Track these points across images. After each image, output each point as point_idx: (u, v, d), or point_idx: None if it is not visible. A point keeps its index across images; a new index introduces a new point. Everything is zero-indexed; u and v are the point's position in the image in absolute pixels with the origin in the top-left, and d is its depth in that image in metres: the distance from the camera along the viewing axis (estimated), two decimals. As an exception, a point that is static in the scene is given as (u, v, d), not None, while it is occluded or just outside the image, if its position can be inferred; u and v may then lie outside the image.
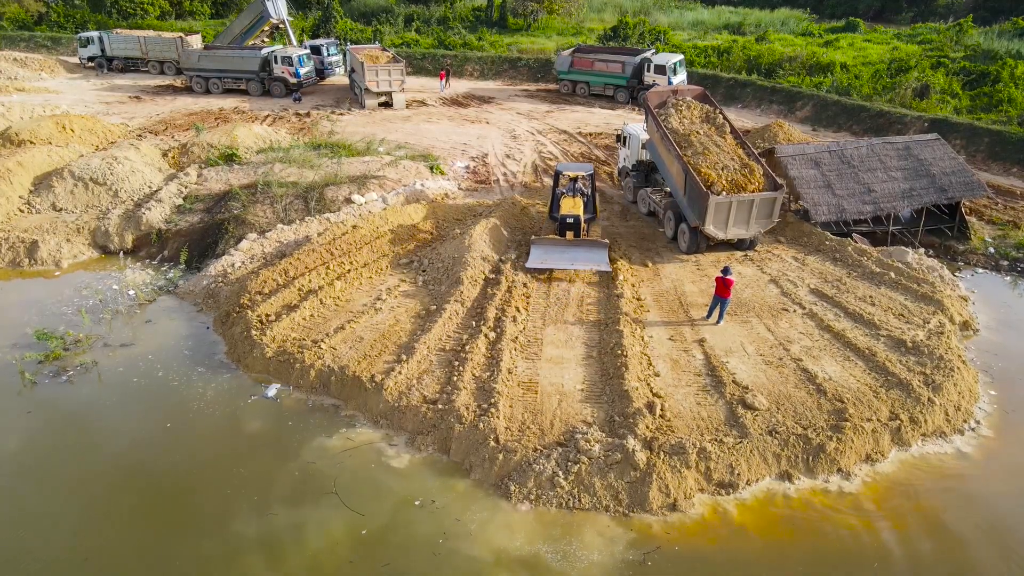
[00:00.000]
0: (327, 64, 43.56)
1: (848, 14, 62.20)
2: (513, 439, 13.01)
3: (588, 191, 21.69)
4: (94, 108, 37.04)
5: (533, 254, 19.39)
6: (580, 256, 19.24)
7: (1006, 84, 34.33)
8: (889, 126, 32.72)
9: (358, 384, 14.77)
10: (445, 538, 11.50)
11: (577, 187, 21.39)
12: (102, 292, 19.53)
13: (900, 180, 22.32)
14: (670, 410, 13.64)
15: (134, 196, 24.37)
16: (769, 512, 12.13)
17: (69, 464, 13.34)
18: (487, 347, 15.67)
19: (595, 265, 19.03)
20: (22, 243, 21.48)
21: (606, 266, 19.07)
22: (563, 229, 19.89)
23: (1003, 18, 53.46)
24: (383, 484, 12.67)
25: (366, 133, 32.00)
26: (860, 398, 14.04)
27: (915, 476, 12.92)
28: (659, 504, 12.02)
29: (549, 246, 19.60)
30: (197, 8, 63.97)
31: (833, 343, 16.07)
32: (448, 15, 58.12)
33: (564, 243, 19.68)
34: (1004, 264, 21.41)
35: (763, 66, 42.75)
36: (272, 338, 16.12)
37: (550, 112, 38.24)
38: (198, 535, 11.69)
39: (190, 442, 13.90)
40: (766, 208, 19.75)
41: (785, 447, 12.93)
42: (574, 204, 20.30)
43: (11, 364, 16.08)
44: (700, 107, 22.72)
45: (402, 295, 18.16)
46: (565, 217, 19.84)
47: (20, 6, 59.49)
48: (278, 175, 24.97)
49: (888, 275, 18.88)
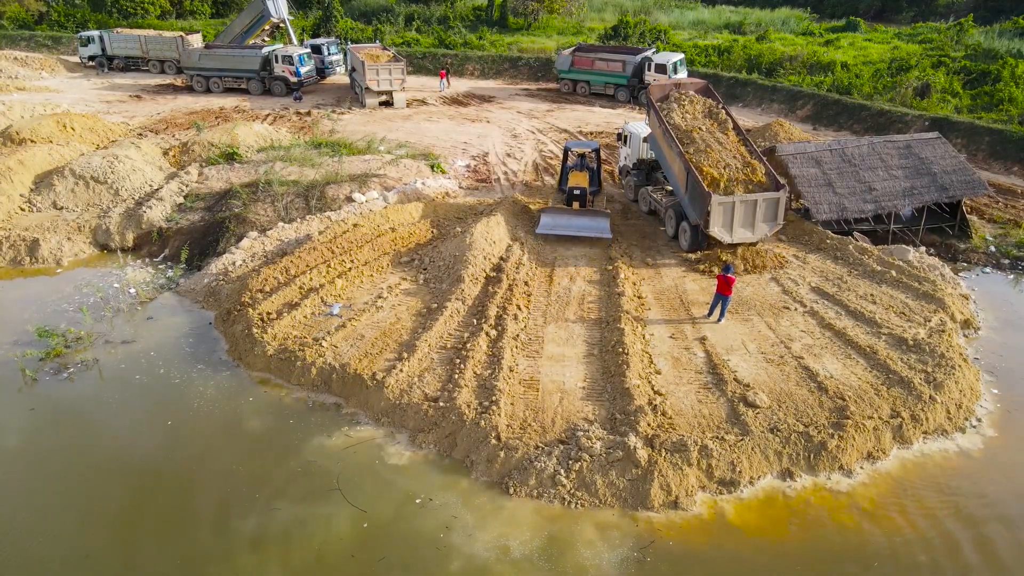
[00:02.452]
0: (328, 63, 43.57)
1: (848, 13, 62.20)
2: (514, 437, 13.01)
3: (594, 166, 23.76)
4: (95, 107, 37.06)
5: (543, 222, 21.13)
6: (585, 225, 21.04)
7: (1007, 83, 34.32)
8: (890, 125, 32.71)
9: (359, 382, 14.77)
10: (446, 535, 11.50)
11: (584, 163, 23.25)
12: (103, 290, 19.53)
13: (901, 179, 22.31)
14: (671, 408, 13.64)
15: (135, 194, 24.38)
16: (770, 510, 12.12)
17: (70, 462, 13.34)
18: (488, 345, 15.67)
19: (598, 233, 20.82)
20: (23, 241, 21.50)
21: (608, 234, 20.84)
22: (570, 199, 21.70)
23: (1004, 17, 53.49)
24: (384, 482, 12.67)
25: (367, 132, 32.01)
26: (861, 396, 14.04)
27: (916, 474, 12.91)
28: (661, 502, 12.02)
29: (557, 215, 21.27)
30: (197, 7, 63.99)
31: (834, 341, 16.06)
32: (449, 14, 58.12)
33: (571, 212, 21.39)
34: (1005, 262, 21.41)
35: (764, 65, 42.76)
36: (273, 336, 16.12)
37: (551, 111, 38.25)
38: (198, 532, 11.70)
39: (191, 439, 13.89)
40: (770, 209, 19.54)
41: (786, 445, 12.93)
42: (581, 177, 22.28)
43: (12, 361, 16.09)
44: (703, 101, 22.62)
45: (403, 293, 18.16)
46: (572, 189, 21.71)
47: (21, 5, 59.50)
48: (279, 173, 24.97)
49: (889, 273, 18.87)
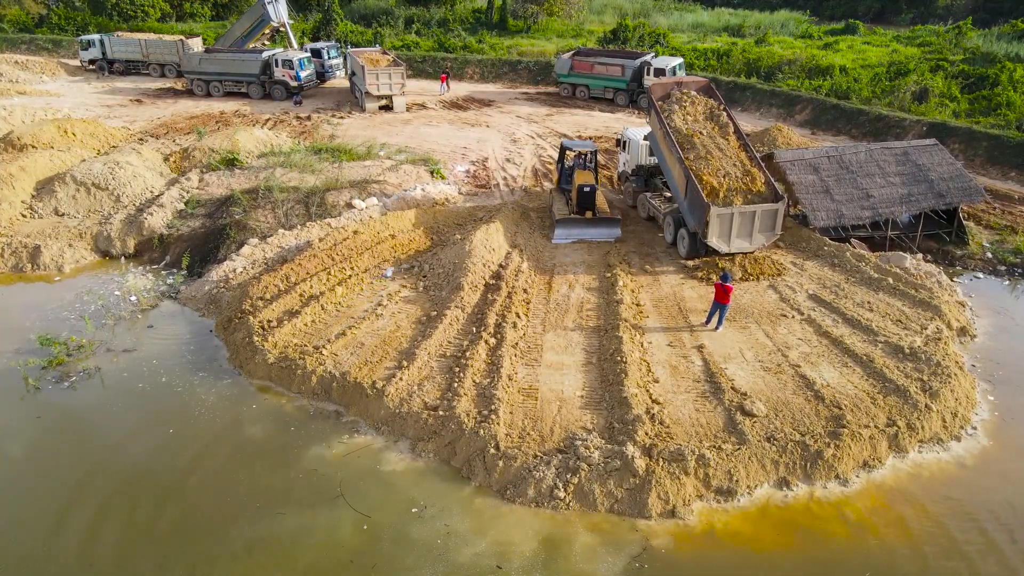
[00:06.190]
0: (328, 67, 43.64)
1: (848, 16, 62.33)
2: (513, 445, 13.12)
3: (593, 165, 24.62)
4: (95, 111, 37.18)
5: (557, 233, 21.96)
6: (598, 233, 22.17)
7: (1005, 88, 34.42)
8: (888, 130, 32.82)
9: (359, 390, 14.87)
10: (444, 543, 11.60)
11: (586, 161, 24.02)
12: (104, 297, 19.64)
13: (898, 185, 22.42)
14: (669, 416, 13.74)
15: (136, 201, 24.49)
16: (767, 519, 12.23)
17: (73, 470, 13.43)
18: (487, 353, 15.78)
19: (609, 237, 22.07)
20: (25, 248, 21.60)
21: (618, 234, 22.18)
22: (580, 197, 22.28)
23: (1002, 20, 53.57)
24: (384, 490, 12.77)
25: (367, 137, 32.11)
26: (858, 404, 14.14)
27: (912, 483, 13.01)
28: (658, 511, 12.13)
29: (571, 226, 22.09)
30: (197, 10, 64.10)
31: (831, 349, 16.16)
32: (448, 17, 58.24)
33: (584, 222, 22.17)
34: (1002, 269, 21.51)
35: (762, 69, 42.86)
36: (274, 344, 16.22)
37: (550, 115, 38.34)
38: (200, 539, 11.80)
39: (193, 447, 13.99)
40: (769, 219, 19.68)
41: (783, 453, 13.03)
42: (587, 175, 22.69)
43: (15, 370, 16.19)
44: (704, 102, 22.58)
45: (403, 301, 18.26)
46: (582, 186, 22.24)
47: (21, 8, 59.63)
48: (279, 179, 25.09)
49: (886, 280, 18.97)
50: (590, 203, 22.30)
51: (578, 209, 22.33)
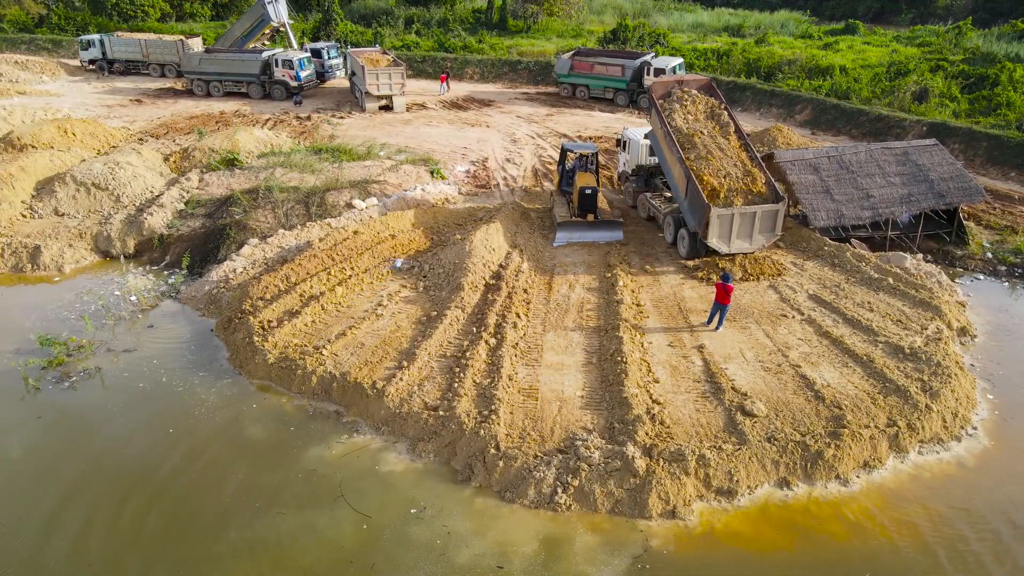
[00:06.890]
0: (328, 67, 43.65)
1: (847, 16, 62.32)
2: (513, 446, 13.11)
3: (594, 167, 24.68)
4: (95, 111, 37.17)
5: (559, 236, 21.86)
6: (600, 236, 22.10)
7: (1004, 88, 34.42)
8: (888, 130, 32.82)
9: (359, 390, 14.87)
10: (444, 544, 11.60)
11: (588, 164, 24.03)
12: (104, 297, 19.63)
13: (898, 185, 22.42)
14: (669, 417, 13.74)
15: (136, 201, 24.49)
16: (767, 519, 12.22)
17: (73, 470, 13.43)
18: (488, 353, 15.78)
19: (611, 239, 22.01)
20: (25, 248, 21.60)
21: (620, 237, 22.09)
22: (582, 199, 22.16)
23: (1002, 20, 53.59)
24: (384, 490, 12.77)
25: (367, 137, 32.12)
26: (858, 404, 14.14)
27: (913, 483, 13.00)
28: (658, 511, 12.13)
29: (572, 229, 22.02)
30: (197, 10, 64.11)
31: (831, 349, 16.16)
32: (448, 17, 58.24)
33: (585, 226, 22.08)
34: (1002, 269, 21.51)
35: (762, 69, 42.86)
36: (274, 344, 16.22)
37: (550, 115, 38.34)
38: (200, 539, 11.80)
39: (193, 447, 13.99)
40: (769, 220, 19.69)
41: (783, 454, 13.03)
42: (588, 177, 22.62)
43: (15, 370, 16.19)
44: (705, 101, 22.53)
45: (403, 301, 18.26)
46: (584, 188, 22.15)
47: (21, 8, 59.62)
48: (279, 179, 25.09)
49: (886, 280, 18.97)
50: (592, 206, 22.16)
51: (580, 212, 22.21)
